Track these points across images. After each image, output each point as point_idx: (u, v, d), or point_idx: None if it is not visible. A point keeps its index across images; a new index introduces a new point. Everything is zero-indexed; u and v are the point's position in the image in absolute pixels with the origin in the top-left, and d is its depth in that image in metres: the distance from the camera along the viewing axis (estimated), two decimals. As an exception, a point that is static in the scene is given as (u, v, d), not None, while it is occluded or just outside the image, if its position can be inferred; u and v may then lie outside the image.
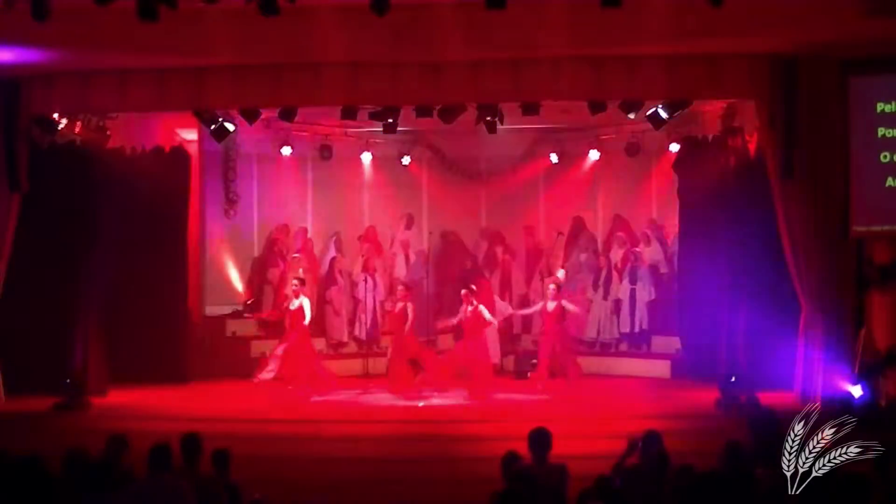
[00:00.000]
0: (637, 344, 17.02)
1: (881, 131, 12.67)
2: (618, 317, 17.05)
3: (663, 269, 17.13)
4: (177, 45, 11.91)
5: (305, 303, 14.72)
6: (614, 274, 17.14)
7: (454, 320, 14.88)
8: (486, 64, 12.71)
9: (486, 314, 14.56)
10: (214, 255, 17.44)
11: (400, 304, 15.03)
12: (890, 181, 12.63)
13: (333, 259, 17.46)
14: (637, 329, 16.91)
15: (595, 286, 17.17)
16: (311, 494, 11.23)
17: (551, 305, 14.77)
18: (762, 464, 7.39)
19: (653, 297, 16.84)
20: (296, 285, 14.82)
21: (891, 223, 12.69)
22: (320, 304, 17.20)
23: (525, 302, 17.35)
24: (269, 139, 17.24)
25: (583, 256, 17.54)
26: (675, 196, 16.17)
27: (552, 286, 15.01)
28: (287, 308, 14.78)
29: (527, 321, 17.25)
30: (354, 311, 17.38)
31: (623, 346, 17.11)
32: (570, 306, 14.96)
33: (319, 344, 17.25)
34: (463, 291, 14.70)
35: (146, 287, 15.36)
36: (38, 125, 14.05)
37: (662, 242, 17.44)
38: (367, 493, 11.33)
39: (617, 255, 17.38)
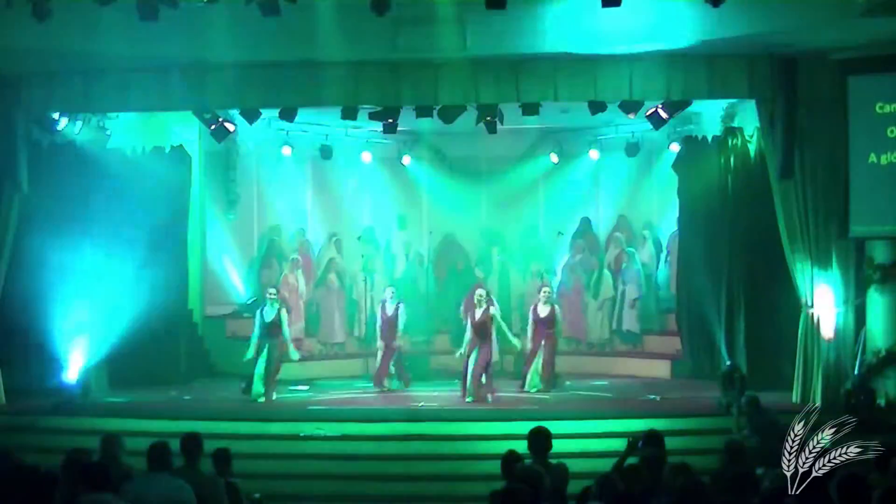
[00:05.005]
0: (629, 343, 17.01)
1: (881, 131, 12.65)
2: (609, 317, 17.07)
3: (653, 272, 17.14)
4: (177, 45, 11.91)
5: (283, 316, 14.35)
6: (606, 274, 17.14)
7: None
8: (486, 64, 12.71)
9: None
10: (214, 255, 17.44)
11: (391, 306, 15.09)
12: (890, 181, 12.60)
13: (330, 260, 17.42)
14: (625, 329, 16.92)
15: (587, 287, 17.18)
16: (310, 493, 11.26)
17: (544, 310, 14.74)
18: (762, 464, 7.40)
19: (639, 296, 16.85)
20: (272, 294, 14.50)
21: (891, 223, 12.67)
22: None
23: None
24: (269, 139, 17.24)
25: (578, 257, 17.53)
26: (675, 196, 16.16)
27: (545, 290, 14.97)
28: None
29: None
30: (353, 311, 17.34)
31: (616, 346, 17.12)
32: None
33: (315, 345, 17.26)
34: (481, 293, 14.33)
35: (146, 287, 15.33)
36: (38, 125, 14.05)
37: (657, 244, 17.45)
38: (367, 492, 11.35)
39: (612, 255, 17.39)
